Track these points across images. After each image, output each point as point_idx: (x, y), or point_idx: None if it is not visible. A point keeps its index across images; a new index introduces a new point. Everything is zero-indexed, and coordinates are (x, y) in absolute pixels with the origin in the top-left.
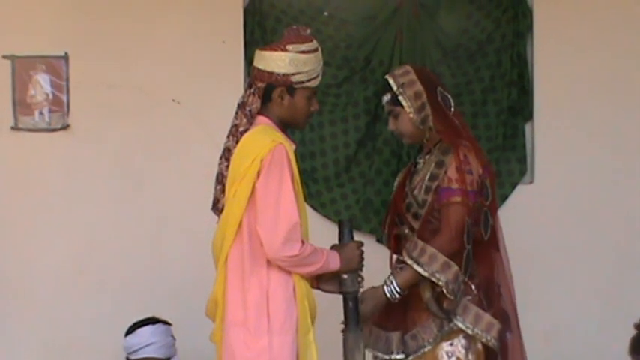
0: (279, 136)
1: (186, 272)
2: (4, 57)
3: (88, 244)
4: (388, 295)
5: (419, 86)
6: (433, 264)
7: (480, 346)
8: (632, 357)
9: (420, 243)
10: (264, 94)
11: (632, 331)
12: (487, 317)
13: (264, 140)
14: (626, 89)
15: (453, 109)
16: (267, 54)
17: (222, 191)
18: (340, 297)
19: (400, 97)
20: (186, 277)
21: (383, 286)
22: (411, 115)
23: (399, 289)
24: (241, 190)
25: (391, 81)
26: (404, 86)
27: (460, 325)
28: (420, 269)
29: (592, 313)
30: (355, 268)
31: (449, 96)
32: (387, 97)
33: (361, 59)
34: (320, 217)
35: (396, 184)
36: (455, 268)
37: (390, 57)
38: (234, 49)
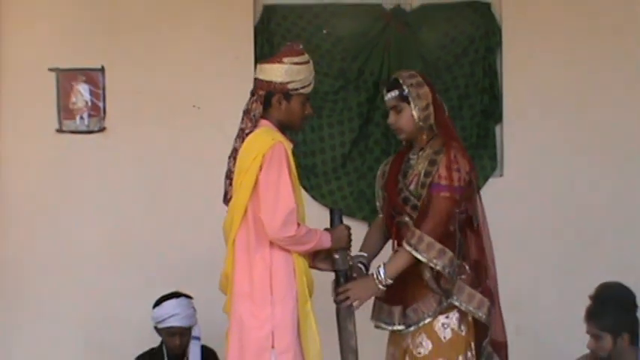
0: (279, 136)
1: (205, 252)
2: (50, 69)
3: (121, 229)
4: (380, 286)
5: (426, 88)
6: (430, 251)
7: (470, 319)
8: (587, 324)
9: (418, 232)
10: (265, 100)
11: (588, 302)
12: (478, 296)
13: (266, 139)
14: (580, 95)
15: (446, 112)
16: (266, 66)
17: (231, 185)
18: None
19: (409, 96)
20: (205, 256)
21: (373, 278)
22: (414, 113)
23: (389, 280)
24: (246, 181)
25: (401, 80)
26: (413, 86)
27: (456, 303)
28: (418, 255)
29: (552, 286)
30: (344, 246)
31: (442, 100)
32: (394, 94)
33: (355, 70)
34: (319, 206)
35: (383, 171)
36: (450, 254)
37: (380, 68)
38: (246, 62)
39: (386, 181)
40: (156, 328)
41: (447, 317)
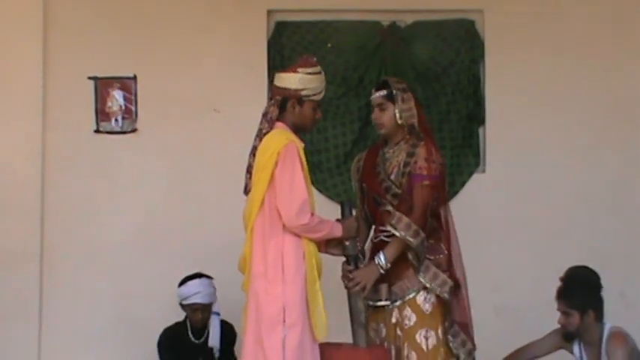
0: (292, 136)
1: (223, 238)
2: (89, 78)
3: (151, 218)
4: (382, 270)
5: (410, 94)
6: (407, 230)
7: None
8: (558, 302)
9: (398, 214)
10: (281, 105)
11: (558, 283)
12: (442, 276)
13: (280, 138)
14: (553, 100)
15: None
16: (283, 75)
17: (250, 178)
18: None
19: (395, 97)
20: (224, 241)
21: (375, 264)
22: (397, 113)
23: (389, 265)
24: (263, 176)
25: (390, 83)
26: (399, 90)
27: (422, 279)
28: (397, 233)
29: (528, 270)
30: (354, 235)
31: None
32: (382, 93)
33: (355, 79)
34: (324, 198)
35: (358, 167)
36: (422, 235)
37: (378, 77)
38: (260, 71)
39: (363, 174)
40: (181, 304)
41: (427, 292)
